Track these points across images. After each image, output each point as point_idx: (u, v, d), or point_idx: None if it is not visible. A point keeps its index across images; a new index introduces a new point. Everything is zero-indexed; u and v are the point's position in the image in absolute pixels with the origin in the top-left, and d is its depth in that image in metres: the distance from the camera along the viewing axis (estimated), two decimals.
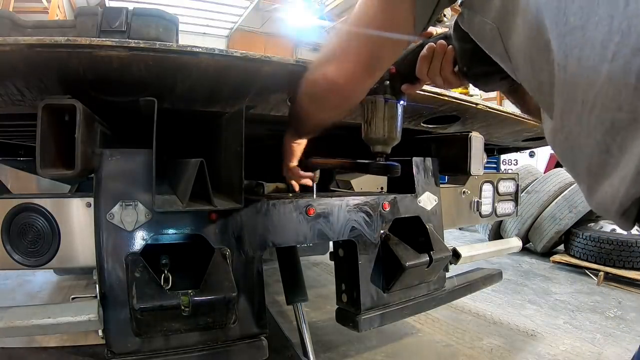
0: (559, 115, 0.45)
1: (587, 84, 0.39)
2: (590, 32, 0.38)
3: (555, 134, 0.47)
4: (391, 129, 0.88)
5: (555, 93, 0.44)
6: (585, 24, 0.39)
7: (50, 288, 2.69)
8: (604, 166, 0.40)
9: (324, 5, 9.32)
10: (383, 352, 1.87)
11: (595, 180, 0.42)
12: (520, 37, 0.49)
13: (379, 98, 0.86)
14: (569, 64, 0.41)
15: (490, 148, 2.11)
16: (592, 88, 0.39)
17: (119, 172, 0.91)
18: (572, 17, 0.40)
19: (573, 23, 0.40)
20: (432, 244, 1.27)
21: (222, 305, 0.90)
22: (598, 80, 0.38)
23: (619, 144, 0.38)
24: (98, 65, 0.78)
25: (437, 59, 0.74)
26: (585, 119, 0.40)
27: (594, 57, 0.38)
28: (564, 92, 0.43)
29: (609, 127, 0.38)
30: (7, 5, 4.51)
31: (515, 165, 6.68)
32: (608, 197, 0.40)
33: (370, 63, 0.69)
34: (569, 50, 0.40)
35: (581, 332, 2.17)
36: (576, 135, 0.42)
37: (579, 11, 0.39)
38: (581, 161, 0.43)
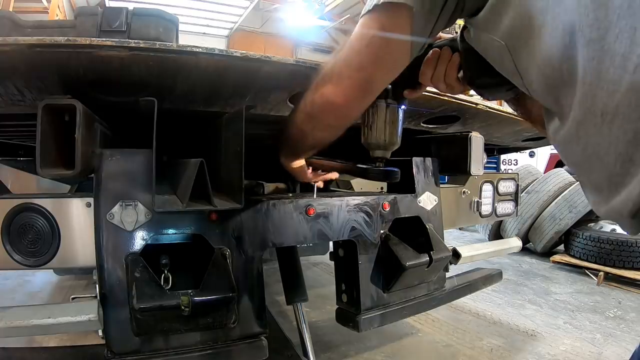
0: (574, 126, 0.45)
1: (607, 96, 0.39)
2: (609, 45, 0.38)
3: (570, 145, 0.47)
4: (392, 134, 0.86)
5: (574, 105, 0.44)
6: (603, 36, 0.38)
7: (50, 288, 2.69)
8: (625, 175, 0.40)
9: (324, 5, 9.31)
10: (383, 352, 1.87)
11: (615, 188, 0.42)
12: (534, 54, 0.49)
13: (381, 102, 0.84)
14: (587, 75, 0.41)
15: (490, 148, 2.11)
16: (612, 99, 0.39)
17: (119, 172, 0.91)
18: (587, 29, 0.40)
19: (590, 35, 0.40)
20: (432, 244, 1.27)
21: (222, 305, 0.90)
22: (618, 92, 0.38)
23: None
24: (98, 65, 0.78)
25: (442, 64, 0.73)
26: (606, 130, 0.40)
27: (613, 69, 0.38)
28: (582, 104, 0.43)
29: (632, 138, 0.38)
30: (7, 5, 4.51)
31: (515, 165, 6.69)
32: (623, 201, 0.41)
33: (364, 87, 0.70)
34: (586, 62, 0.40)
35: (581, 332, 2.17)
36: (595, 145, 0.42)
37: (595, 23, 0.39)
38: (600, 171, 0.43)
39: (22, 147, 1.99)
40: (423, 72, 0.76)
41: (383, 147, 0.88)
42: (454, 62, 0.72)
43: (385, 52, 0.64)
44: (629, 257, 3.00)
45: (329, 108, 0.75)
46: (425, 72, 0.76)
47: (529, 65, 0.51)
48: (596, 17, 0.39)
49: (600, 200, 0.46)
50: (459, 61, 0.71)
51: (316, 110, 0.77)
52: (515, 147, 2.16)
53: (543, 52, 0.47)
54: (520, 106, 0.76)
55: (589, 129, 0.43)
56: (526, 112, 0.76)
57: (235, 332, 0.99)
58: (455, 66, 0.72)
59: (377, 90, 0.73)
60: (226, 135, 1.03)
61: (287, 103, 1.07)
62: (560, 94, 0.47)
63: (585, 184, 0.50)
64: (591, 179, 0.46)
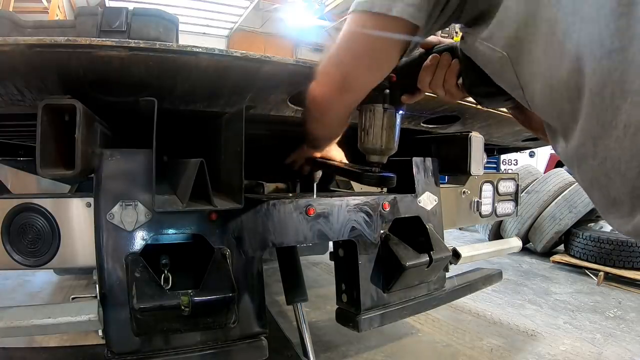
0: (591, 142, 0.43)
1: (631, 107, 0.38)
2: (632, 55, 0.37)
3: (586, 160, 0.45)
4: (389, 139, 0.85)
5: (581, 119, 0.43)
6: (626, 46, 0.37)
7: (50, 288, 2.69)
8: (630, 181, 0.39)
9: (324, 5, 9.31)
10: (383, 352, 1.87)
11: (638, 201, 0.41)
12: (539, 66, 0.47)
13: (378, 107, 0.82)
14: (606, 88, 0.39)
15: (490, 148, 2.11)
16: (636, 111, 0.38)
17: (119, 172, 0.91)
18: (608, 40, 0.38)
19: (610, 46, 0.38)
20: (432, 244, 1.27)
21: (222, 305, 0.90)
22: None
23: None
24: (98, 65, 0.78)
25: (441, 70, 0.72)
26: (629, 143, 0.39)
27: (639, 80, 0.37)
28: (600, 118, 0.41)
29: None
30: (7, 5, 4.50)
31: (515, 165, 6.69)
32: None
33: (341, 83, 0.70)
34: (606, 73, 0.39)
35: (581, 332, 2.17)
36: (615, 160, 0.41)
37: (616, 33, 0.38)
38: (622, 185, 0.42)
39: (22, 147, 1.99)
40: (422, 78, 0.75)
41: (379, 152, 0.86)
42: (453, 68, 0.71)
43: (364, 50, 0.64)
44: (629, 257, 3.00)
45: (311, 101, 0.77)
46: (423, 78, 0.75)
47: (532, 78, 0.49)
48: (617, 27, 0.38)
49: (622, 216, 0.44)
50: (459, 68, 0.70)
51: (306, 102, 0.80)
52: (515, 147, 2.16)
53: (550, 63, 0.45)
54: (520, 114, 0.75)
55: (610, 143, 0.41)
56: (526, 120, 0.75)
57: (235, 332, 0.99)
58: (454, 73, 0.71)
59: (358, 89, 0.72)
60: (226, 135, 1.03)
61: (287, 103, 1.07)
62: (565, 108, 0.45)
63: (600, 202, 0.48)
64: (609, 195, 0.45)
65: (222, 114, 1.08)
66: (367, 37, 0.61)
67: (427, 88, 0.76)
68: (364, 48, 0.64)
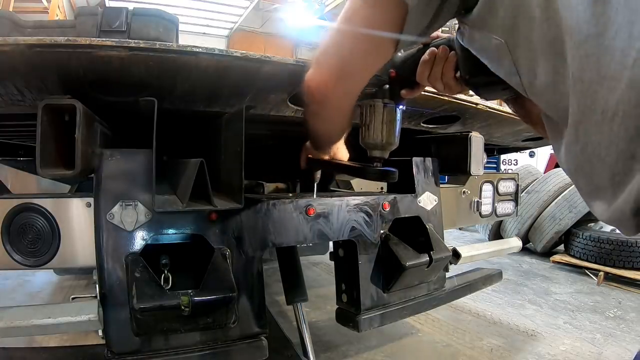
0: (573, 127, 0.44)
1: (607, 92, 0.39)
2: (608, 40, 0.37)
3: (569, 147, 0.46)
4: (389, 134, 0.86)
5: (570, 105, 0.43)
6: (602, 32, 0.38)
7: (50, 288, 2.69)
8: (628, 173, 0.39)
9: (324, 5, 9.30)
10: (383, 352, 1.87)
11: (618, 187, 0.41)
12: (535, 52, 0.48)
13: (378, 102, 0.84)
14: (585, 73, 0.40)
15: (490, 148, 2.11)
16: (612, 96, 0.38)
17: (119, 172, 0.91)
18: (585, 25, 0.39)
19: (587, 31, 0.39)
20: (432, 244, 1.27)
21: (222, 305, 0.90)
22: (619, 88, 0.37)
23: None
24: (98, 65, 0.78)
25: (439, 64, 0.73)
26: (607, 128, 0.40)
27: (613, 65, 0.37)
28: (580, 103, 0.42)
29: (634, 134, 0.38)
30: (7, 5, 4.50)
31: (515, 165, 6.68)
32: (626, 199, 0.40)
33: (336, 71, 0.69)
34: (584, 59, 0.40)
35: (581, 332, 2.17)
36: (596, 145, 0.42)
37: (592, 19, 0.38)
38: (602, 171, 0.42)
39: (22, 147, 1.99)
40: (420, 72, 0.76)
41: (380, 147, 0.88)
42: (450, 61, 0.71)
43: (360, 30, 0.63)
44: (629, 257, 3.00)
45: (309, 93, 0.75)
46: (422, 72, 0.75)
47: (531, 63, 0.49)
48: (593, 12, 0.38)
49: (602, 203, 0.45)
50: (456, 60, 0.70)
51: (304, 96, 0.78)
52: (515, 147, 2.16)
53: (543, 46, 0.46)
54: (520, 107, 0.75)
55: (589, 128, 0.42)
56: (526, 114, 0.75)
57: (235, 332, 0.99)
58: (452, 65, 0.72)
59: (356, 75, 0.70)
60: (226, 135, 1.03)
61: (287, 103, 1.07)
62: (561, 94, 0.45)
63: (584, 189, 0.48)
64: (592, 182, 0.45)
65: (222, 114, 1.08)
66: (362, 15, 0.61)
67: (426, 82, 0.77)
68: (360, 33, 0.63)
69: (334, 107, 0.79)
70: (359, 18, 0.62)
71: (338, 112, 0.81)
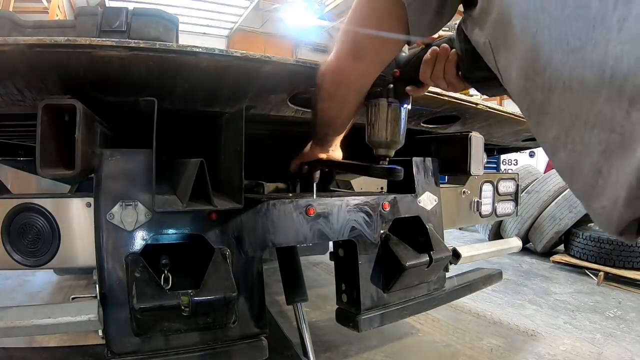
0: (563, 132, 0.45)
1: (590, 104, 0.40)
2: (588, 55, 0.39)
3: (558, 150, 0.46)
4: (394, 133, 0.87)
5: (552, 111, 0.45)
6: (584, 46, 0.39)
7: (50, 288, 2.69)
8: (595, 187, 0.40)
9: (324, 5, 9.30)
10: (383, 352, 1.87)
11: (590, 199, 0.42)
12: (511, 56, 0.49)
13: (382, 101, 0.85)
14: (574, 84, 0.41)
15: (490, 148, 2.11)
16: (593, 108, 0.39)
17: (119, 172, 0.91)
18: (571, 38, 0.40)
19: (573, 44, 0.40)
20: (432, 244, 1.27)
21: (222, 305, 0.90)
22: (599, 101, 0.38)
23: (609, 165, 0.39)
24: (98, 65, 0.78)
25: (440, 62, 0.74)
26: (587, 138, 0.41)
27: (594, 79, 0.38)
28: (569, 111, 0.43)
29: (604, 148, 0.39)
30: (7, 5, 4.50)
31: (515, 165, 6.69)
32: (604, 217, 0.41)
33: (353, 51, 0.73)
34: (572, 70, 0.41)
35: (581, 332, 2.17)
36: (578, 153, 0.43)
37: (577, 33, 0.40)
38: (579, 180, 0.44)
39: (22, 147, 1.99)
40: (423, 71, 0.77)
41: (385, 145, 0.89)
42: (452, 59, 0.73)
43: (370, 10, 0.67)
44: (629, 257, 3.01)
45: (324, 73, 0.81)
46: (425, 71, 0.77)
47: (509, 67, 0.51)
48: (578, 27, 0.40)
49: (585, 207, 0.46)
50: (457, 58, 0.72)
51: (318, 79, 0.84)
52: (515, 147, 2.16)
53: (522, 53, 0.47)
54: None
55: (576, 137, 0.43)
56: None
57: (235, 332, 0.99)
58: (453, 63, 0.73)
59: (369, 55, 0.74)
60: (226, 135, 1.03)
61: (287, 103, 1.07)
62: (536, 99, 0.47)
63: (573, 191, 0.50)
64: (572, 187, 0.46)
65: (222, 114, 1.08)
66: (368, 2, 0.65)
67: (428, 81, 0.78)
68: (368, 8, 0.67)
69: (349, 88, 0.82)
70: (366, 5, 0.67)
71: (351, 94, 0.84)
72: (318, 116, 0.93)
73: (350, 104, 0.87)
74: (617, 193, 0.37)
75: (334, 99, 0.86)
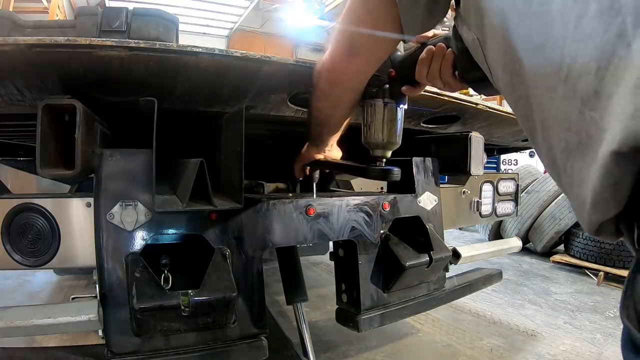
0: (540, 129, 0.45)
1: (551, 102, 0.40)
2: (549, 52, 0.39)
3: (541, 146, 0.47)
4: (390, 133, 0.87)
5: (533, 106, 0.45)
6: (545, 44, 0.39)
7: (50, 288, 2.69)
8: (567, 184, 0.40)
9: (324, 5, 9.30)
10: (383, 352, 1.87)
11: (569, 198, 0.43)
12: (496, 52, 0.49)
13: (378, 101, 0.84)
14: (539, 82, 0.41)
15: (490, 148, 2.11)
16: (553, 105, 0.40)
17: (119, 172, 0.91)
18: (535, 35, 0.40)
19: (537, 42, 0.40)
20: (432, 244, 1.27)
21: (222, 305, 0.90)
22: (557, 99, 0.39)
23: (571, 164, 0.39)
24: (98, 65, 0.78)
25: (436, 61, 0.74)
26: (553, 136, 0.41)
27: (553, 77, 0.39)
28: (540, 108, 0.43)
29: (564, 147, 0.39)
30: (7, 5, 4.50)
31: (515, 165, 6.69)
32: (578, 217, 0.41)
33: (349, 48, 0.73)
34: (537, 68, 0.41)
35: (581, 332, 2.17)
36: (554, 149, 0.43)
37: (540, 30, 0.40)
38: (555, 175, 0.44)
39: (22, 147, 1.99)
40: (419, 70, 0.77)
41: (382, 146, 0.89)
42: (447, 58, 0.72)
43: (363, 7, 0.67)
44: (629, 257, 3.00)
45: (320, 71, 0.80)
46: (420, 70, 0.76)
47: (495, 64, 0.51)
48: (541, 24, 0.40)
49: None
50: (453, 57, 0.71)
51: (314, 78, 0.83)
52: (515, 147, 2.16)
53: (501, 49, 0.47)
54: None
55: (551, 134, 0.43)
56: None
57: (235, 332, 0.99)
58: (449, 63, 0.72)
59: (364, 52, 0.73)
60: (226, 135, 1.03)
61: (287, 103, 1.07)
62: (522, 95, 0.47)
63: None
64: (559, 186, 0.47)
65: (222, 114, 1.08)
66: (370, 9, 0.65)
67: (424, 80, 0.78)
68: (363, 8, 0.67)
69: (343, 87, 0.82)
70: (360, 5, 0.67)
71: (346, 93, 0.84)
72: (313, 115, 0.93)
73: (345, 102, 0.87)
74: (583, 195, 0.37)
75: (329, 98, 0.86)
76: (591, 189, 0.35)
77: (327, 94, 0.85)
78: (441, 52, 0.72)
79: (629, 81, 0.31)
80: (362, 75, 0.80)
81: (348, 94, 0.85)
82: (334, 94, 0.84)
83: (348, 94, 0.85)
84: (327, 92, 0.84)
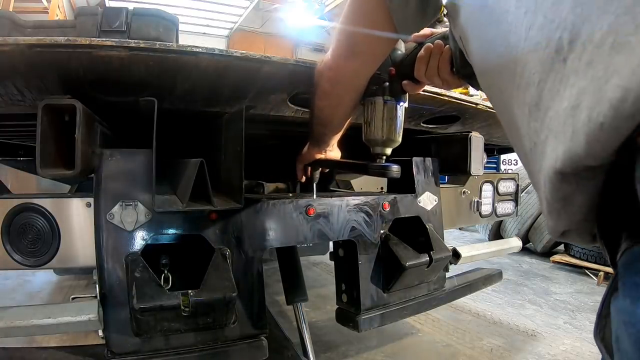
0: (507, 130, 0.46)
1: (511, 106, 0.41)
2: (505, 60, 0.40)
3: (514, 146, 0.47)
4: (390, 131, 0.88)
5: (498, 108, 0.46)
6: (503, 52, 0.40)
7: (50, 288, 2.69)
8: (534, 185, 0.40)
9: (324, 5, 9.31)
10: (383, 352, 1.87)
11: None
12: (472, 54, 0.50)
13: (378, 99, 0.86)
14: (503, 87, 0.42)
15: (490, 148, 2.11)
16: (512, 110, 0.40)
17: (119, 172, 0.91)
18: (497, 41, 0.41)
19: (498, 50, 0.41)
20: (432, 244, 1.27)
21: (222, 305, 0.90)
22: (514, 105, 0.39)
23: (530, 169, 0.39)
24: (98, 65, 0.78)
25: (434, 59, 0.75)
26: (516, 138, 0.42)
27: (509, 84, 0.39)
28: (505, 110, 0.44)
29: (524, 151, 0.39)
30: (7, 5, 4.50)
31: (515, 165, 6.68)
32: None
33: (348, 49, 0.74)
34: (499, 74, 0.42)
35: (581, 332, 2.17)
36: (518, 150, 0.43)
37: (500, 36, 0.41)
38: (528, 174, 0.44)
39: (22, 147, 1.99)
40: (417, 68, 0.78)
41: (382, 143, 0.90)
42: (445, 56, 0.73)
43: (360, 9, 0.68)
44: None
45: (321, 70, 0.82)
46: (419, 68, 0.78)
47: (473, 62, 0.51)
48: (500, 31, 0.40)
49: None
50: (451, 55, 0.72)
51: (315, 78, 0.85)
52: None
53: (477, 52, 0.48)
54: None
55: (513, 134, 0.43)
56: None
57: (235, 332, 0.99)
58: (447, 60, 0.73)
59: (364, 52, 0.75)
60: (226, 135, 1.03)
61: (287, 103, 1.07)
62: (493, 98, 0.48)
63: None
64: None
65: (222, 114, 1.08)
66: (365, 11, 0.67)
67: (423, 78, 0.79)
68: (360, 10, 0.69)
69: (345, 86, 0.83)
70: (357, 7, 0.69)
71: (347, 92, 0.85)
72: (315, 115, 0.94)
73: (347, 102, 0.88)
74: (542, 201, 0.37)
75: (331, 97, 0.87)
76: (544, 197, 0.35)
77: (329, 93, 0.86)
78: (439, 50, 0.73)
79: (566, 99, 0.30)
80: (362, 74, 0.81)
81: (349, 93, 0.86)
82: (335, 93, 0.85)
83: (349, 93, 0.86)
84: (328, 91, 0.85)
